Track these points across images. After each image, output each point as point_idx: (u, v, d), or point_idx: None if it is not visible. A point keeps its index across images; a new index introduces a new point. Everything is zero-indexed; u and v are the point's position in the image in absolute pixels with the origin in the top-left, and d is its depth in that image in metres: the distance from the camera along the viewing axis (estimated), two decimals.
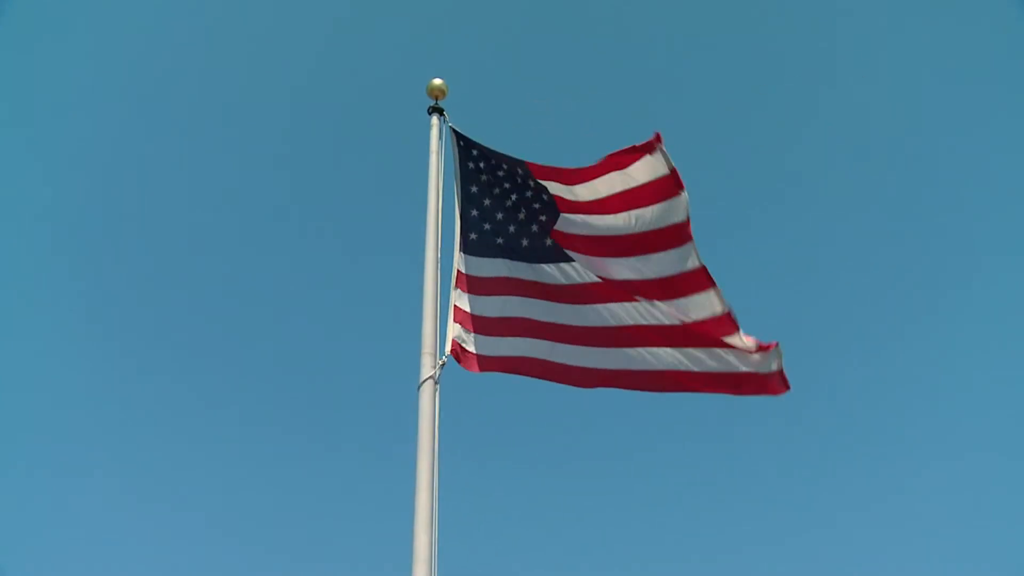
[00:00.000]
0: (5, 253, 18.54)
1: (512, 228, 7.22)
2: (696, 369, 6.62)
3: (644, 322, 6.78)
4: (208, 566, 17.14)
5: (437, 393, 5.89)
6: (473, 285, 6.95)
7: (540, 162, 7.17)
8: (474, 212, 7.24)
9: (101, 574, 16.94)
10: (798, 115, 23.10)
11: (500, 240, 7.21)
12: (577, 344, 6.93)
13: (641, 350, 6.79)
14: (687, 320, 6.57)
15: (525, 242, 7.17)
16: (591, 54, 24.03)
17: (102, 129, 20.61)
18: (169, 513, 17.90)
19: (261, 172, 22.39)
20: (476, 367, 6.63)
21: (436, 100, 7.65)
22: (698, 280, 6.52)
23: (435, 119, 7.54)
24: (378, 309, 21.85)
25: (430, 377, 5.92)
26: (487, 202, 7.30)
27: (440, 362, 6.09)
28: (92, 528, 17.28)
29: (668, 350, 6.73)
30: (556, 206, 7.10)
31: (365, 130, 23.14)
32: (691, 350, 6.64)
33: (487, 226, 7.22)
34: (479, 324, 6.80)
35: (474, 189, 7.32)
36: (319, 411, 20.93)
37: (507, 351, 6.89)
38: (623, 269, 6.84)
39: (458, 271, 6.89)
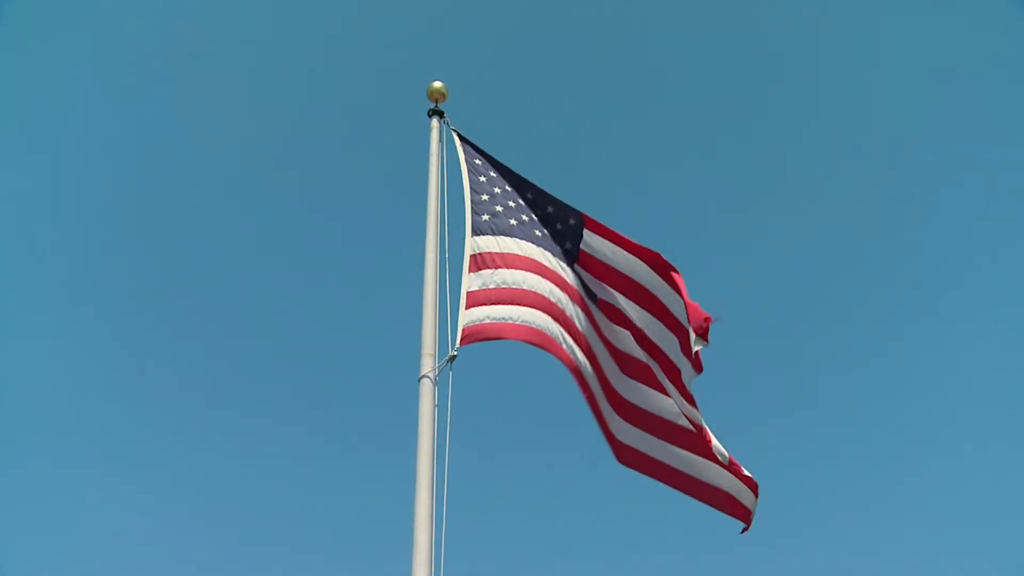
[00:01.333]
0: (5, 253, 18.58)
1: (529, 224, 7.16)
2: (695, 476, 7.02)
3: (656, 411, 7.04)
4: (210, 565, 17.19)
5: (436, 391, 5.87)
6: (487, 261, 6.66)
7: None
8: (484, 196, 7.08)
9: (101, 573, 16.99)
10: (798, 115, 23.15)
11: (513, 222, 7.04)
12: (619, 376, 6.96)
13: (660, 441, 7.02)
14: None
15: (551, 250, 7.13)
16: (590, 55, 24.08)
17: (102, 129, 20.65)
18: (168, 511, 17.96)
19: (261, 174, 22.44)
20: (493, 335, 6.31)
21: (436, 103, 7.67)
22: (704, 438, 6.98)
23: (435, 122, 7.54)
24: (383, 308, 21.86)
25: (427, 375, 5.91)
26: (497, 191, 7.19)
27: (450, 354, 6.00)
28: (92, 527, 17.33)
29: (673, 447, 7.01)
30: (577, 256, 7.17)
31: (365, 132, 23.18)
32: (694, 456, 7.01)
33: (499, 208, 7.05)
34: (495, 295, 6.50)
35: (482, 179, 7.24)
36: (324, 411, 20.98)
37: (522, 320, 6.53)
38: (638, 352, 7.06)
39: (471, 256, 6.60)
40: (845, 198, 22.41)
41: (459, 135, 7.50)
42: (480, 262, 6.56)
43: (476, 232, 6.73)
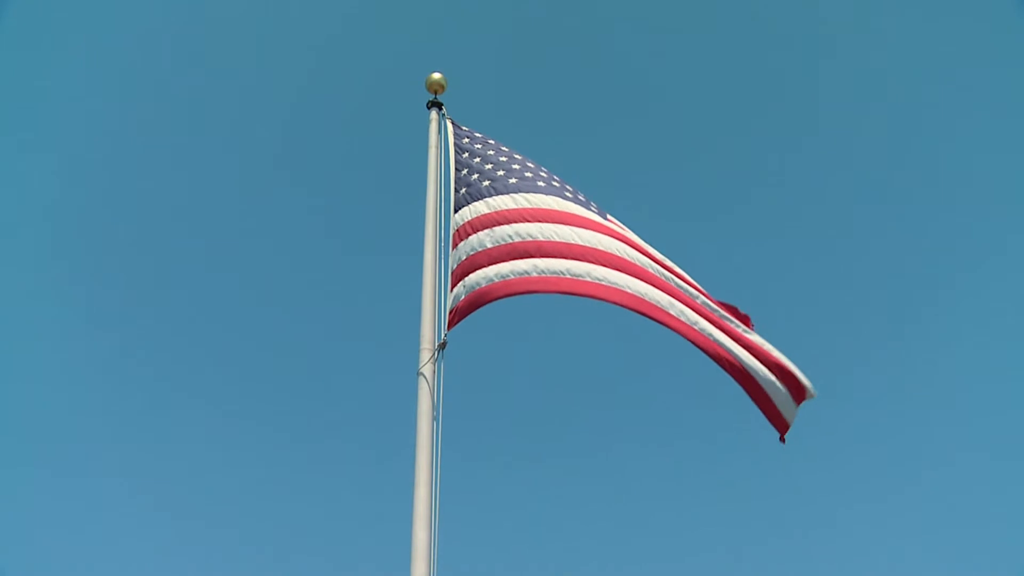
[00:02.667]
0: (5, 253, 18.56)
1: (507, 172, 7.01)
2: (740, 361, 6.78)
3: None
4: (210, 564, 17.15)
5: (435, 387, 5.84)
6: (461, 234, 6.53)
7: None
8: (463, 171, 7.02)
9: (101, 573, 16.95)
10: (798, 115, 23.15)
11: (487, 183, 6.89)
12: (612, 268, 6.38)
13: (695, 316, 6.58)
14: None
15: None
16: (591, 54, 24.08)
17: (102, 129, 20.64)
18: (167, 511, 17.89)
19: (260, 167, 22.43)
20: (470, 309, 6.12)
21: (435, 94, 7.63)
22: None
23: (434, 113, 7.52)
24: (382, 303, 21.83)
25: (423, 371, 5.89)
26: (477, 160, 7.11)
27: (440, 341, 5.97)
28: (92, 528, 17.28)
29: (720, 334, 6.72)
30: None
31: (365, 125, 23.19)
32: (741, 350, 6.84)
33: (475, 176, 6.96)
34: (468, 264, 6.32)
35: (465, 155, 7.18)
36: (323, 408, 20.91)
37: (487, 279, 6.26)
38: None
39: (453, 234, 6.51)
40: (845, 198, 22.43)
41: (453, 123, 7.46)
42: (458, 238, 6.49)
43: (456, 209, 6.69)
